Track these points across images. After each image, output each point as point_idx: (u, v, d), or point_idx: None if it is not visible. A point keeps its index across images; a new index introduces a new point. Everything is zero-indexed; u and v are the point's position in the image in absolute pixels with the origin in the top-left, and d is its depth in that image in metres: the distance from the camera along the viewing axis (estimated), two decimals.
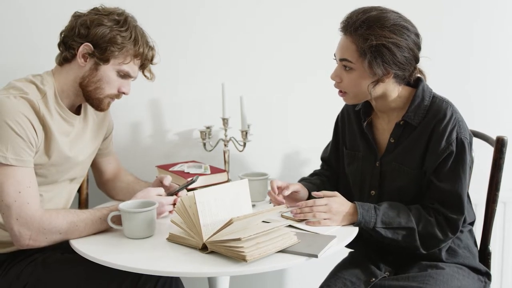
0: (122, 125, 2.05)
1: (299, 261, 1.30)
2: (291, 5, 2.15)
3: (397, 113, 1.62)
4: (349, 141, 1.75)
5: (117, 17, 1.55)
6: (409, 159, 1.57)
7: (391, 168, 1.60)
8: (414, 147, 1.56)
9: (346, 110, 1.79)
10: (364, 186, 1.68)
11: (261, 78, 2.18)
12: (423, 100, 1.57)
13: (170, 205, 1.59)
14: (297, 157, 2.26)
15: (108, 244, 1.44)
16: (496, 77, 2.27)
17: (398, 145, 1.60)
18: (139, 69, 1.64)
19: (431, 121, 1.54)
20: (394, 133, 1.60)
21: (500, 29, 2.25)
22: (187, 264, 1.30)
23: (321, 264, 1.47)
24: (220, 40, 2.13)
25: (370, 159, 1.66)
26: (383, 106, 1.62)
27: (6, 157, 1.41)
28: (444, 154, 1.51)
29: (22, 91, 1.48)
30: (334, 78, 1.59)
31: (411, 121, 1.57)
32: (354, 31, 1.50)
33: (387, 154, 1.62)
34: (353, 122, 1.74)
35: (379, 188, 1.64)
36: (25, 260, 1.53)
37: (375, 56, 1.48)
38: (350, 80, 1.55)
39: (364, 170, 1.67)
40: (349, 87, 1.56)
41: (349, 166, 1.74)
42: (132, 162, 2.08)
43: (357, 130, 1.72)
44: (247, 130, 2.04)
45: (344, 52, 1.54)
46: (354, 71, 1.53)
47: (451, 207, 1.52)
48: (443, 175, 1.52)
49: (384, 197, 1.62)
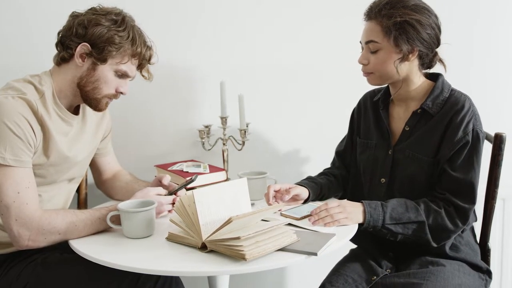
0: (121, 125, 2.05)
1: (298, 259, 1.30)
2: (291, 4, 2.15)
3: (414, 103, 1.65)
4: (363, 131, 1.78)
5: (114, 17, 1.55)
6: (424, 147, 1.60)
7: (404, 156, 1.63)
8: (429, 136, 1.59)
9: (363, 102, 1.83)
10: (375, 174, 1.70)
11: (260, 76, 2.18)
12: (442, 92, 1.61)
13: (169, 205, 1.59)
14: (296, 155, 2.26)
15: (108, 244, 1.44)
16: (496, 74, 2.27)
17: (412, 133, 1.63)
18: (137, 69, 1.64)
19: (449, 112, 1.57)
20: (410, 121, 1.64)
21: (500, 27, 2.25)
22: (186, 263, 1.30)
23: (321, 262, 1.47)
24: (219, 39, 2.13)
25: (383, 147, 1.69)
26: (403, 93, 1.65)
27: (4, 158, 1.41)
28: (459, 144, 1.54)
29: (20, 91, 1.47)
30: (362, 61, 1.63)
31: (429, 110, 1.60)
32: (377, 13, 1.57)
33: (400, 142, 1.65)
34: (369, 112, 1.77)
35: (390, 176, 1.66)
36: (25, 261, 1.53)
37: (400, 32, 1.54)
38: (377, 59, 1.59)
39: (376, 158, 1.70)
40: (376, 66, 1.61)
41: (361, 155, 1.76)
42: (130, 162, 2.08)
43: (372, 119, 1.76)
44: (245, 129, 2.04)
45: (369, 34, 1.59)
46: (381, 50, 1.58)
47: (463, 196, 1.54)
48: (457, 165, 1.55)
49: (395, 185, 1.65)
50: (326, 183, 1.78)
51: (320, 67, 2.19)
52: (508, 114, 2.30)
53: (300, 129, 2.23)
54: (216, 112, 2.06)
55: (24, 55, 1.92)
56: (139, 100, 2.07)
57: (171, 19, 2.07)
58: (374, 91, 1.81)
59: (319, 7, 2.16)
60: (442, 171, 1.57)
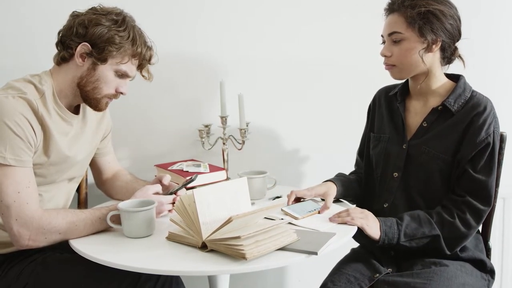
0: (121, 125, 2.05)
1: (299, 259, 1.31)
2: (291, 3, 2.15)
3: (434, 99, 1.64)
4: (376, 125, 1.78)
5: (115, 17, 1.55)
6: (441, 145, 1.59)
7: (420, 152, 1.62)
8: (449, 134, 1.58)
9: (378, 97, 1.82)
10: (387, 168, 1.69)
11: (260, 76, 2.18)
12: (464, 91, 1.61)
13: (169, 204, 1.59)
14: (296, 155, 2.26)
15: (108, 243, 1.44)
16: (496, 73, 2.27)
17: (430, 130, 1.62)
18: (137, 69, 1.64)
19: (470, 112, 1.57)
20: (429, 117, 1.63)
21: (499, 26, 2.25)
22: (187, 262, 1.30)
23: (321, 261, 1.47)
24: (219, 38, 2.13)
25: (397, 141, 1.68)
26: (425, 87, 1.64)
27: (5, 158, 1.41)
28: (482, 144, 1.54)
29: (20, 91, 1.47)
30: (385, 52, 1.62)
31: (450, 107, 1.59)
32: (400, 4, 1.57)
33: (416, 138, 1.64)
34: (383, 106, 1.77)
35: (403, 171, 1.65)
36: (25, 260, 1.53)
37: (424, 22, 1.54)
38: (401, 50, 1.58)
39: (389, 152, 1.69)
40: (399, 58, 1.59)
41: (374, 149, 1.76)
42: (131, 161, 2.08)
43: (386, 113, 1.75)
44: (245, 128, 2.04)
45: (392, 26, 1.59)
46: (404, 41, 1.57)
47: (482, 198, 1.55)
48: (479, 166, 1.54)
49: (409, 180, 1.64)
50: (356, 179, 1.81)
51: (321, 66, 2.19)
52: (509, 113, 2.29)
53: (300, 128, 2.23)
54: (216, 111, 2.06)
55: (24, 54, 1.92)
56: (139, 100, 2.07)
57: (171, 19, 2.07)
58: (389, 86, 1.81)
59: (319, 6, 2.16)
60: (463, 171, 1.56)
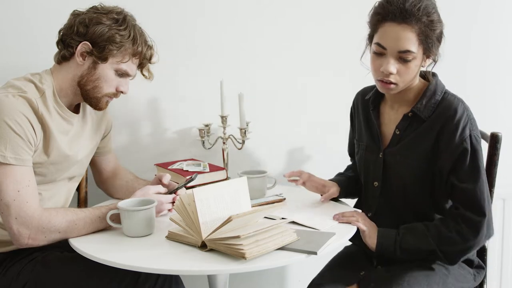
0: (121, 124, 2.05)
1: (298, 258, 1.31)
2: (291, 3, 2.15)
3: (406, 105, 1.59)
4: (357, 132, 1.75)
5: (116, 15, 1.55)
6: (415, 153, 1.54)
7: (395, 161, 1.58)
8: (421, 141, 1.53)
9: (355, 102, 1.78)
10: (368, 177, 1.67)
11: (260, 75, 2.17)
12: (435, 94, 1.54)
13: (169, 204, 1.59)
14: (296, 154, 2.26)
15: (108, 242, 1.44)
16: (492, 74, 2.28)
17: (403, 138, 1.57)
18: (137, 68, 1.64)
19: (440, 116, 1.51)
20: (401, 124, 1.57)
21: (498, 26, 2.25)
22: (186, 262, 1.30)
23: (322, 261, 1.47)
24: (219, 38, 2.13)
25: (374, 150, 1.64)
26: (400, 95, 1.58)
27: (5, 156, 1.41)
28: (458, 151, 1.47)
29: (20, 89, 1.47)
30: (392, 70, 1.48)
31: (420, 114, 1.53)
32: (415, 15, 1.44)
33: (391, 146, 1.60)
34: (360, 112, 1.72)
35: (382, 179, 1.61)
36: (25, 259, 1.53)
37: (437, 42, 1.49)
38: (410, 70, 1.49)
39: (367, 161, 1.66)
40: (406, 77, 1.50)
41: (357, 155, 1.74)
42: (131, 161, 2.08)
43: (363, 120, 1.71)
44: (245, 128, 2.04)
45: (406, 43, 1.46)
46: (415, 60, 1.48)
47: (474, 209, 1.47)
48: (462, 175, 1.47)
49: (388, 190, 1.61)
50: (354, 176, 1.80)
51: (320, 66, 2.19)
52: (505, 113, 2.30)
53: (300, 128, 2.23)
54: (216, 111, 2.06)
55: (24, 53, 1.92)
56: (139, 99, 2.07)
57: (171, 18, 2.07)
58: (366, 89, 1.75)
59: (319, 6, 2.16)
60: (450, 184, 1.50)
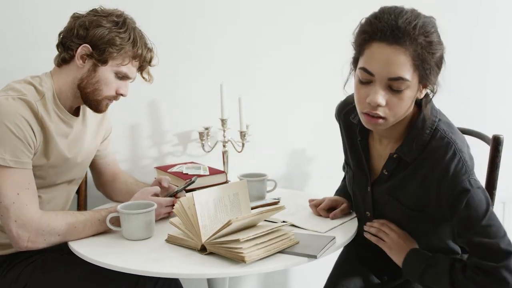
0: (121, 126, 2.05)
1: (298, 262, 1.30)
2: (291, 6, 2.15)
3: (396, 140, 1.38)
4: (344, 153, 1.60)
5: (116, 18, 1.55)
6: (404, 197, 1.38)
7: (384, 200, 1.43)
8: (409, 186, 1.36)
9: (337, 117, 1.59)
10: (358, 206, 1.55)
11: (260, 78, 2.18)
12: (422, 133, 1.30)
13: (168, 207, 1.59)
14: (296, 158, 2.26)
15: (107, 245, 1.43)
16: (493, 77, 2.28)
17: (391, 178, 1.40)
18: (137, 71, 1.64)
19: (428, 159, 1.29)
20: (388, 165, 1.39)
21: (499, 28, 2.25)
22: (186, 265, 1.30)
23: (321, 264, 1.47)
24: (219, 41, 2.13)
25: (362, 182, 1.49)
26: (389, 129, 1.33)
27: (4, 159, 1.41)
28: (457, 209, 1.26)
29: (20, 92, 1.47)
30: (379, 101, 1.22)
31: (404, 157, 1.33)
32: (409, 39, 1.19)
33: (379, 184, 1.44)
34: (343, 133, 1.55)
35: (374, 211, 1.49)
36: (24, 262, 1.53)
37: (439, 68, 1.25)
38: (403, 103, 1.24)
39: (355, 191, 1.53)
40: (397, 111, 1.25)
41: (346, 175, 1.61)
42: (130, 164, 2.08)
43: (347, 143, 1.52)
44: (245, 131, 2.04)
45: (397, 69, 1.20)
46: (408, 89, 1.23)
47: (492, 259, 1.25)
48: (475, 231, 1.26)
49: (383, 218, 1.48)
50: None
51: (320, 68, 2.19)
52: (506, 116, 2.30)
53: (301, 131, 2.23)
54: (216, 114, 2.06)
55: (24, 56, 1.92)
56: (139, 102, 2.07)
57: (171, 21, 2.07)
58: (347, 104, 1.52)
59: (319, 8, 2.16)
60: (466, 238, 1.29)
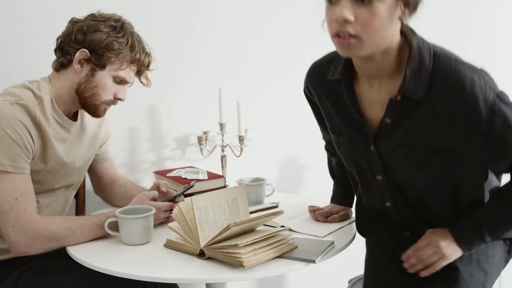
0: (119, 131, 2.05)
1: (296, 267, 1.30)
2: (289, 9, 2.16)
3: (389, 80, 1.18)
4: (328, 123, 1.37)
5: (114, 23, 1.55)
6: (420, 141, 1.18)
7: (394, 155, 1.22)
8: (423, 126, 1.17)
9: (312, 86, 1.37)
10: (364, 173, 1.32)
11: (258, 83, 2.18)
12: (422, 63, 1.13)
13: (166, 211, 1.59)
14: (295, 162, 2.26)
15: (105, 250, 1.43)
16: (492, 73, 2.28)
17: (396, 126, 1.19)
18: (135, 75, 1.64)
19: (444, 92, 1.12)
20: (390, 111, 1.18)
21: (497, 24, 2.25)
22: (184, 270, 1.30)
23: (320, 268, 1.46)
24: (217, 45, 2.13)
25: (361, 144, 1.26)
26: (376, 65, 1.17)
27: (2, 164, 1.40)
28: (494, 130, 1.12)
29: (18, 97, 1.47)
30: (345, 15, 1.07)
31: (413, 96, 1.15)
32: None
33: (382, 137, 1.22)
34: (323, 99, 1.32)
35: (386, 173, 1.27)
36: (23, 267, 1.52)
37: None
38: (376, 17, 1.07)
39: (357, 159, 1.30)
40: (370, 28, 1.08)
41: (338, 149, 1.37)
42: (129, 168, 2.08)
43: (331, 107, 1.30)
44: (244, 136, 2.04)
45: None
46: (380, 1, 1.06)
47: None
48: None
49: (398, 183, 1.28)
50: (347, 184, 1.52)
51: None
52: None
53: (299, 135, 2.23)
54: (214, 118, 2.06)
55: (22, 61, 1.91)
56: (137, 106, 2.07)
57: (169, 25, 2.07)
58: (322, 67, 1.33)
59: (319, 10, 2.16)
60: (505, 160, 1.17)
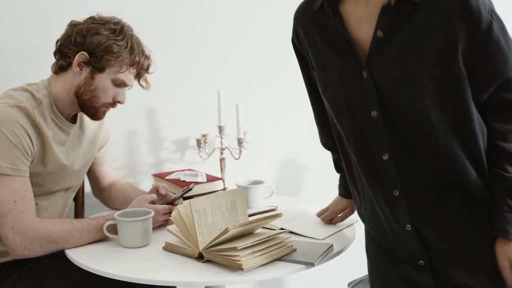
0: (118, 133, 2.05)
1: (295, 269, 1.30)
2: (290, 10, 2.15)
3: None
4: (315, 62, 1.27)
5: (113, 26, 1.56)
6: (418, 55, 1.08)
7: (390, 77, 1.11)
8: (423, 36, 1.08)
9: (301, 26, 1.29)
10: (356, 109, 1.17)
11: (257, 85, 2.18)
12: None
13: (165, 214, 1.59)
14: (293, 164, 2.26)
15: (104, 253, 1.43)
16: None
17: (391, 40, 1.10)
18: (134, 78, 1.64)
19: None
20: (382, 21, 1.09)
21: None
22: (183, 273, 1.30)
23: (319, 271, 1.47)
24: (216, 48, 2.13)
25: (351, 70, 1.15)
26: None
27: (2, 166, 1.40)
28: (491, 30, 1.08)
29: (17, 100, 1.47)
30: None
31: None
32: None
33: (375, 56, 1.12)
34: (311, 33, 1.24)
35: (381, 108, 1.13)
36: (22, 269, 1.52)
37: None
38: None
39: (348, 90, 1.17)
40: None
41: (326, 93, 1.25)
42: (128, 170, 2.08)
43: (319, 39, 1.22)
44: (243, 138, 2.04)
45: None
46: None
47: None
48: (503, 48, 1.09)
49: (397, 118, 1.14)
50: None
51: None
52: None
53: (298, 138, 2.23)
54: (213, 121, 2.07)
55: (21, 63, 1.92)
56: (136, 109, 2.07)
57: (168, 28, 2.07)
58: (300, 7, 1.30)
59: None
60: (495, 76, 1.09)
